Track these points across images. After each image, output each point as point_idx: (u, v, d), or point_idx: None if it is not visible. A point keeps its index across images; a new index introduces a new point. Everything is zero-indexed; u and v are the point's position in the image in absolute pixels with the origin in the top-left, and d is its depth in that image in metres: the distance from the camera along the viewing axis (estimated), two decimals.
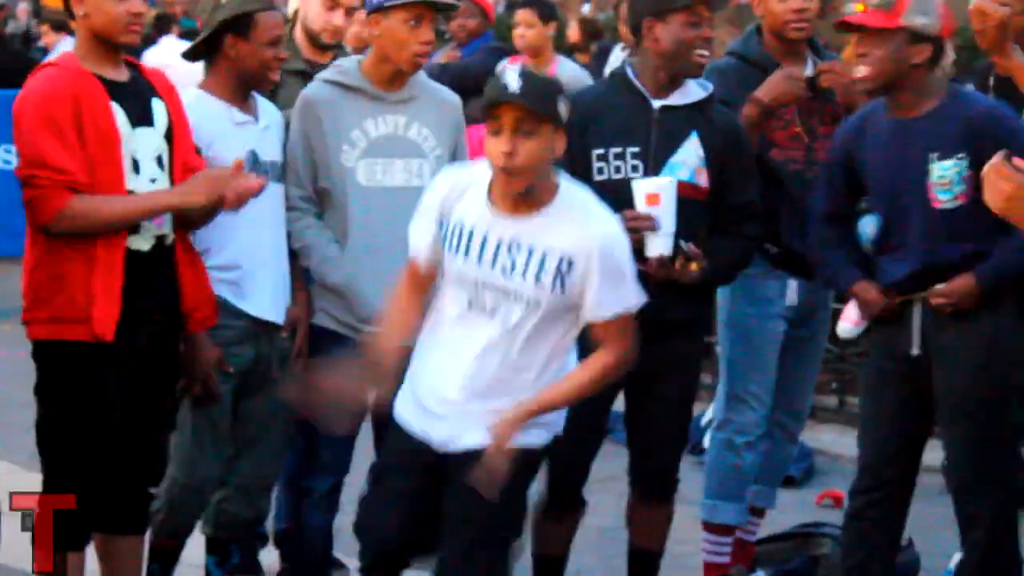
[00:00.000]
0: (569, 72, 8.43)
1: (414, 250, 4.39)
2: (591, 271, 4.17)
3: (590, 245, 4.16)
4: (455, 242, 4.25)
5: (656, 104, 5.03)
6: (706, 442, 6.42)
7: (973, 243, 4.88)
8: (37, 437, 4.75)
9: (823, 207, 5.24)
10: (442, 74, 8.01)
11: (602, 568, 5.78)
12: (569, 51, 11.97)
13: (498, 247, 4.20)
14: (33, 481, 4.86)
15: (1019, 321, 5.06)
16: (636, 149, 5.00)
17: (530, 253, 4.16)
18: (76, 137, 4.58)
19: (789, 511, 5.86)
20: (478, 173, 4.30)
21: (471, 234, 4.23)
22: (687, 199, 4.92)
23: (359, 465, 5.28)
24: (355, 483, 5.30)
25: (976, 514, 5.02)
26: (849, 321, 5.60)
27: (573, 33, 13.33)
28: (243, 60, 5.08)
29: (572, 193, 4.27)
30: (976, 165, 4.74)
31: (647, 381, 4.97)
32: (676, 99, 5.04)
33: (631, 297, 4.24)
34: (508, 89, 4.07)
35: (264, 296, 5.12)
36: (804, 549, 5.76)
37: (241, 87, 5.13)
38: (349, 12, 5.84)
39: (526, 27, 8.54)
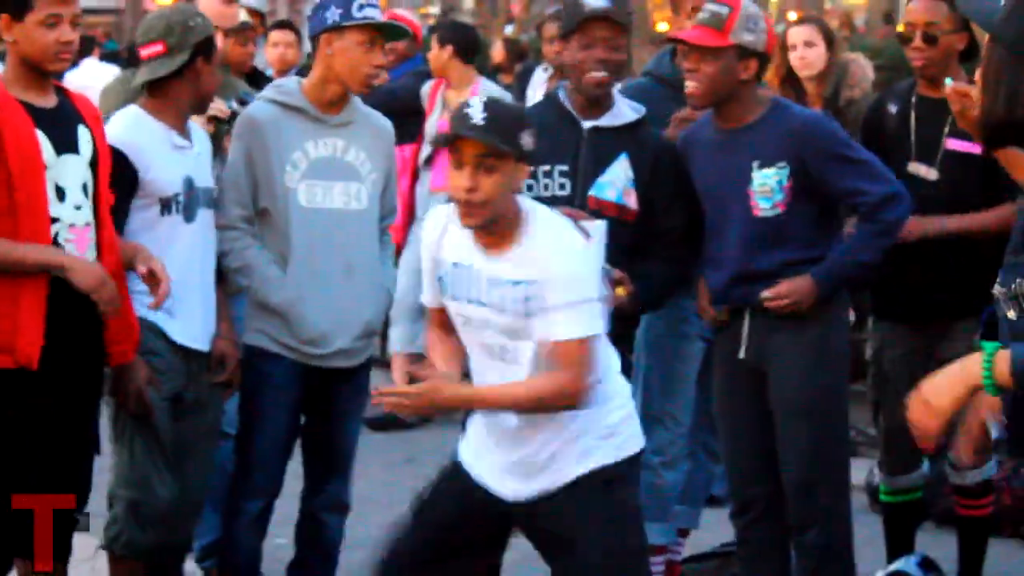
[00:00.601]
0: (491, 93, 8.55)
1: (429, 301, 4.39)
2: (548, 292, 4.07)
3: (546, 272, 4.07)
4: (454, 285, 4.22)
5: (586, 125, 5.07)
6: None
7: (789, 252, 5.00)
8: None
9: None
10: (368, 97, 8.01)
11: None
12: (494, 71, 12.07)
13: (486, 285, 4.14)
14: None
15: (846, 324, 5.31)
16: (564, 168, 5.05)
17: (512, 287, 4.09)
18: None
19: (713, 529, 5.87)
20: (449, 210, 4.26)
21: (466, 274, 4.18)
22: (614, 220, 4.96)
23: (290, 487, 5.43)
24: (283, 507, 5.44)
25: (812, 515, 5.08)
26: None
27: (498, 54, 13.44)
28: (206, 82, 5.12)
29: (540, 216, 4.18)
30: (796, 173, 4.94)
31: None
32: (606, 120, 5.10)
33: (582, 326, 4.09)
34: (471, 122, 4.00)
35: (194, 323, 5.13)
36: (728, 567, 5.77)
37: (189, 111, 5.15)
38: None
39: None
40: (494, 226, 4.11)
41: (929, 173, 5.43)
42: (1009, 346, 3.19)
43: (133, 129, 5.07)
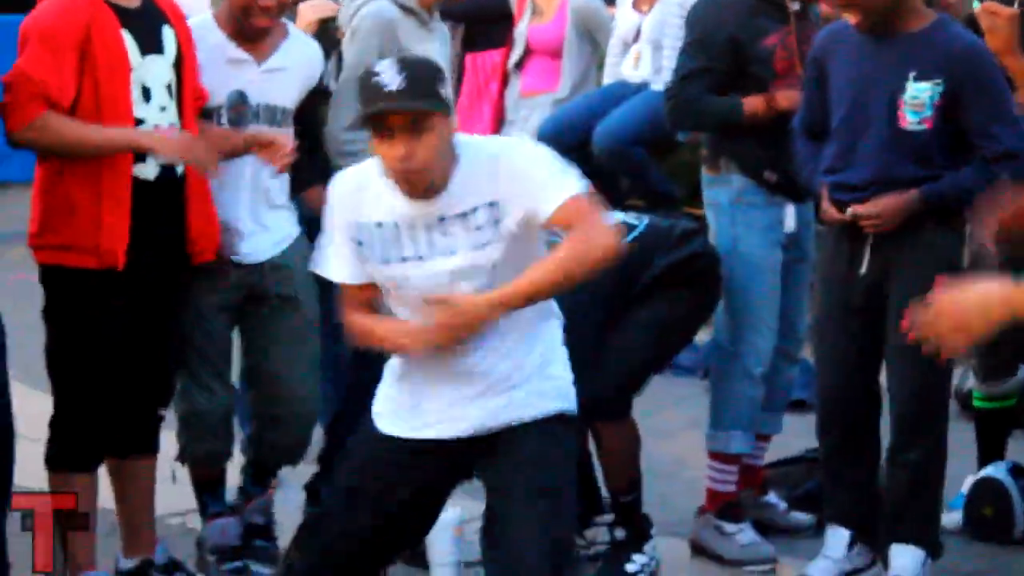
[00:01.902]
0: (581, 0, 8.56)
1: (340, 278, 3.97)
2: (516, 194, 3.79)
3: (502, 180, 3.80)
4: (381, 250, 3.84)
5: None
6: None
7: (925, 169, 4.93)
8: (47, 360, 4.85)
9: (802, 122, 5.27)
10: (458, 5, 8.13)
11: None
12: None
13: (428, 234, 3.79)
14: (45, 403, 4.91)
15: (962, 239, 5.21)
16: None
17: (464, 219, 3.75)
18: (76, 62, 4.61)
19: (799, 435, 5.86)
20: (369, 171, 3.88)
21: (394, 231, 3.81)
22: None
23: None
24: None
25: (916, 438, 5.07)
26: None
27: None
28: None
29: (469, 149, 3.86)
30: (948, 94, 4.85)
31: None
32: None
33: (571, 185, 3.80)
34: (388, 90, 3.65)
35: (250, 238, 5.09)
36: (816, 471, 5.72)
37: (240, 25, 5.06)
38: None
39: None
40: (434, 182, 3.80)
41: None
42: None
43: (193, 32, 5.04)
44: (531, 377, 3.91)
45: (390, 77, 3.66)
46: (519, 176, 3.81)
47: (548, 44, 8.28)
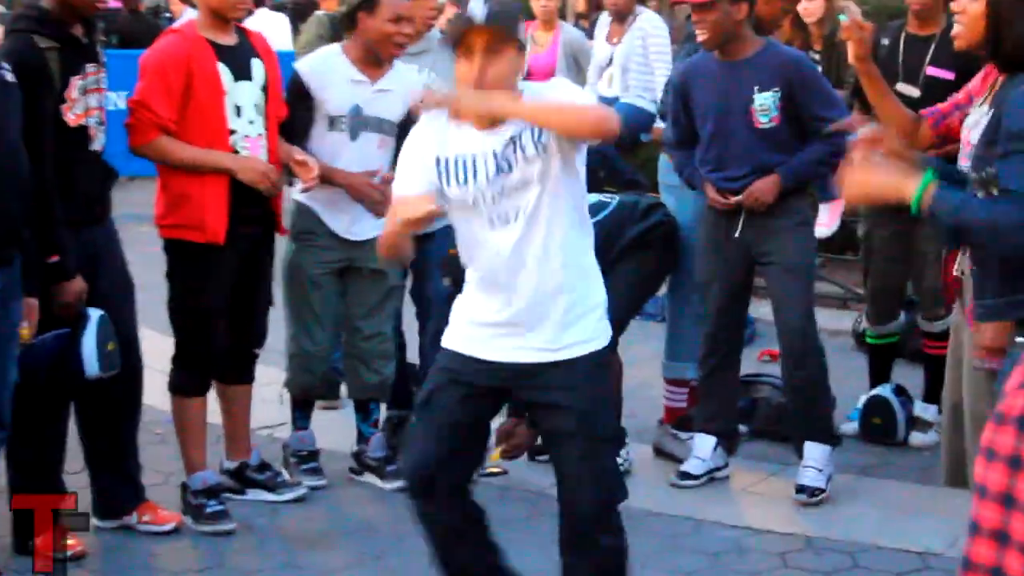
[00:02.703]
0: (570, 33, 8.75)
1: (407, 192, 3.61)
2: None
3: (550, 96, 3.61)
4: (461, 174, 3.57)
5: None
6: None
7: (780, 155, 5.08)
8: (169, 311, 4.94)
9: (674, 136, 5.39)
10: None
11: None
12: (577, 18, 12.25)
13: (495, 157, 3.52)
14: (168, 343, 4.99)
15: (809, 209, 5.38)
16: None
17: (514, 143, 3.49)
18: (181, 91, 4.68)
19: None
20: (436, 122, 3.62)
21: (472, 161, 3.55)
22: None
23: None
24: None
25: (806, 353, 5.18)
26: (822, 225, 5.84)
27: (580, 3, 13.61)
28: (368, 33, 5.03)
29: (529, 90, 3.61)
30: (785, 97, 5.02)
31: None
32: None
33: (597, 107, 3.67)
34: (475, 16, 3.46)
35: (355, 220, 5.15)
36: (748, 393, 5.92)
37: (368, 54, 5.07)
38: None
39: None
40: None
41: (912, 91, 5.42)
42: (942, 187, 3.31)
43: (317, 61, 5.14)
44: (582, 315, 3.62)
45: (477, 7, 3.47)
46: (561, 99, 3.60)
47: (543, 68, 8.45)
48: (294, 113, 5.09)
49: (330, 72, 5.10)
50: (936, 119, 3.98)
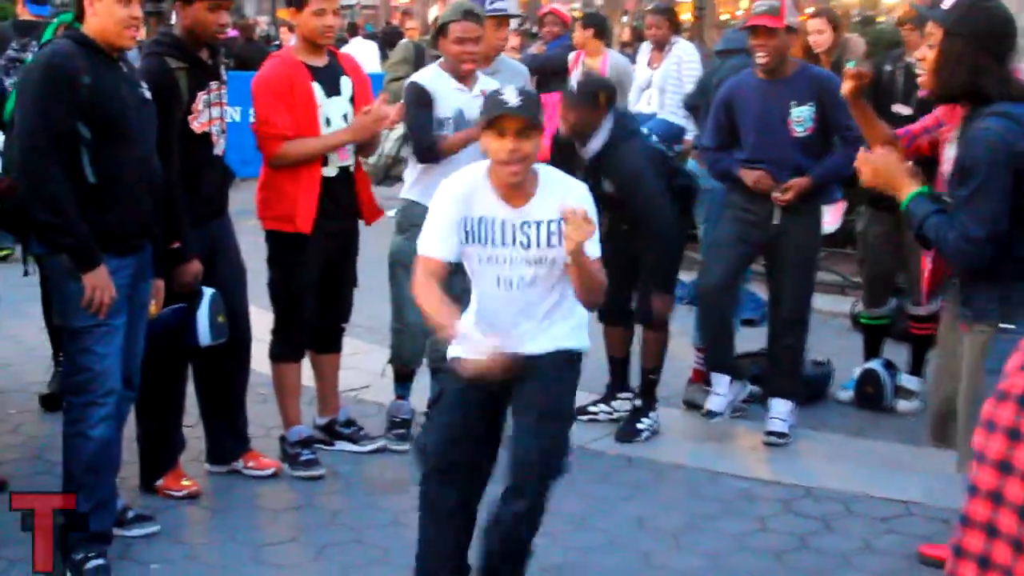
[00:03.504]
0: (616, 59, 8.68)
1: (433, 253, 3.54)
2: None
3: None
4: (482, 234, 3.50)
5: None
6: None
7: (812, 158, 5.08)
8: (269, 291, 4.95)
9: (713, 143, 5.37)
10: (533, 61, 8.30)
11: None
12: (622, 46, 12.19)
13: (514, 230, 3.49)
14: (269, 319, 4.96)
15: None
16: None
17: (537, 227, 3.47)
18: (290, 104, 4.71)
19: (748, 340, 5.93)
20: (477, 174, 3.55)
21: (491, 224, 3.49)
22: None
23: None
24: None
25: (795, 327, 5.22)
26: (826, 223, 5.78)
27: (624, 34, 13.55)
28: (447, 52, 5.02)
29: (547, 174, 3.56)
30: (819, 110, 5.01)
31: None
32: None
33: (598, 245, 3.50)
34: (510, 104, 3.39)
35: None
36: (758, 362, 5.79)
37: (454, 70, 5.03)
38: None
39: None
40: (522, 182, 3.46)
41: (906, 110, 5.36)
42: (926, 199, 3.35)
43: (428, 75, 5.07)
44: (557, 321, 3.58)
45: (512, 97, 3.42)
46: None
47: None
48: (420, 117, 4.98)
49: (439, 85, 5.06)
50: (908, 139, 3.90)
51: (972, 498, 1.13)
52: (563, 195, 3.48)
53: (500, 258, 3.53)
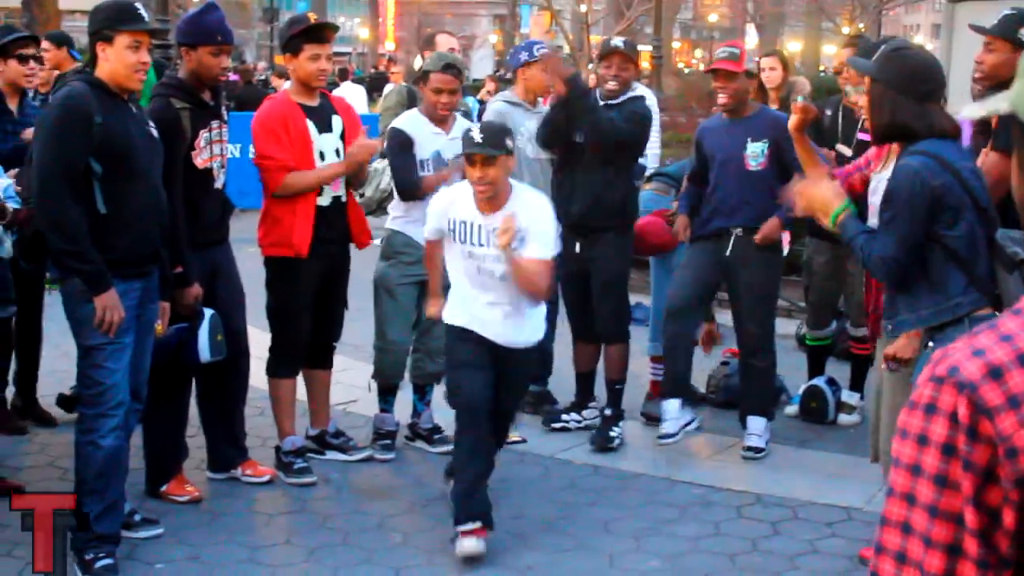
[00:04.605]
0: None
1: (432, 237, 4.26)
2: (533, 232, 4.03)
3: (532, 221, 4.03)
4: (461, 233, 4.10)
5: None
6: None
7: (764, 193, 5.04)
8: (267, 312, 4.92)
9: (691, 176, 5.39)
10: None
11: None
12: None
13: (488, 233, 4.04)
14: (266, 338, 4.96)
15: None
16: None
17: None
18: (287, 140, 4.69)
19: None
20: (461, 190, 4.14)
21: (469, 227, 4.08)
22: None
23: None
24: None
25: (763, 347, 5.20)
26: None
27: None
28: (426, 98, 5.07)
29: (520, 191, 4.13)
30: (773, 147, 5.01)
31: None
32: None
33: (550, 249, 4.07)
34: (475, 141, 3.96)
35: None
36: (717, 375, 5.84)
37: (432, 116, 5.06)
38: None
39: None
40: (494, 197, 4.02)
41: (846, 151, 5.35)
42: (852, 214, 3.41)
43: (408, 120, 5.08)
44: (528, 317, 4.15)
45: (476, 134, 3.99)
46: (540, 227, 4.04)
47: None
48: (402, 160, 5.03)
49: (419, 130, 5.08)
50: (842, 177, 3.91)
51: (889, 499, 1.17)
52: (526, 208, 3.98)
53: (478, 254, 4.08)
